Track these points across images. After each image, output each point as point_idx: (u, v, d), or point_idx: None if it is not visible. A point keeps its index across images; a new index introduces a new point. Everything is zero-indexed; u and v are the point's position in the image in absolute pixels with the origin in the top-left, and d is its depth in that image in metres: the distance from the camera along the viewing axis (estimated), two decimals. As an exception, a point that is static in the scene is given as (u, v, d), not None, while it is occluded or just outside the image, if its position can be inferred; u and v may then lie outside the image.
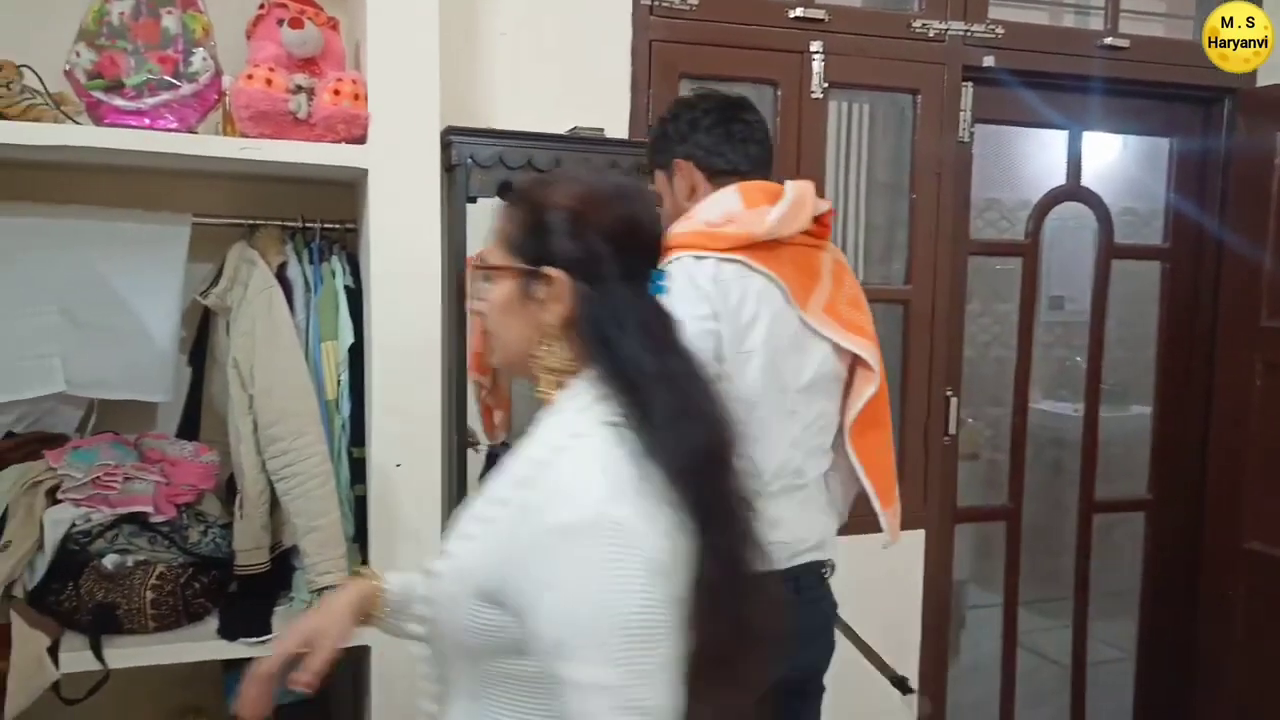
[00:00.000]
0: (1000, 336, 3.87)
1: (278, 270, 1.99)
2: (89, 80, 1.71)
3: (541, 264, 1.03)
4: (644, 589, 0.90)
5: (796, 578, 1.62)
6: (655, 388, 1.00)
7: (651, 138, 1.75)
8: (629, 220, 1.06)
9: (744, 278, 1.55)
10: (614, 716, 0.89)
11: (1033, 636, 3.26)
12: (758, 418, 1.56)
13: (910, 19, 2.56)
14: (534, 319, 1.05)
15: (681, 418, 1.00)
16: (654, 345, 1.03)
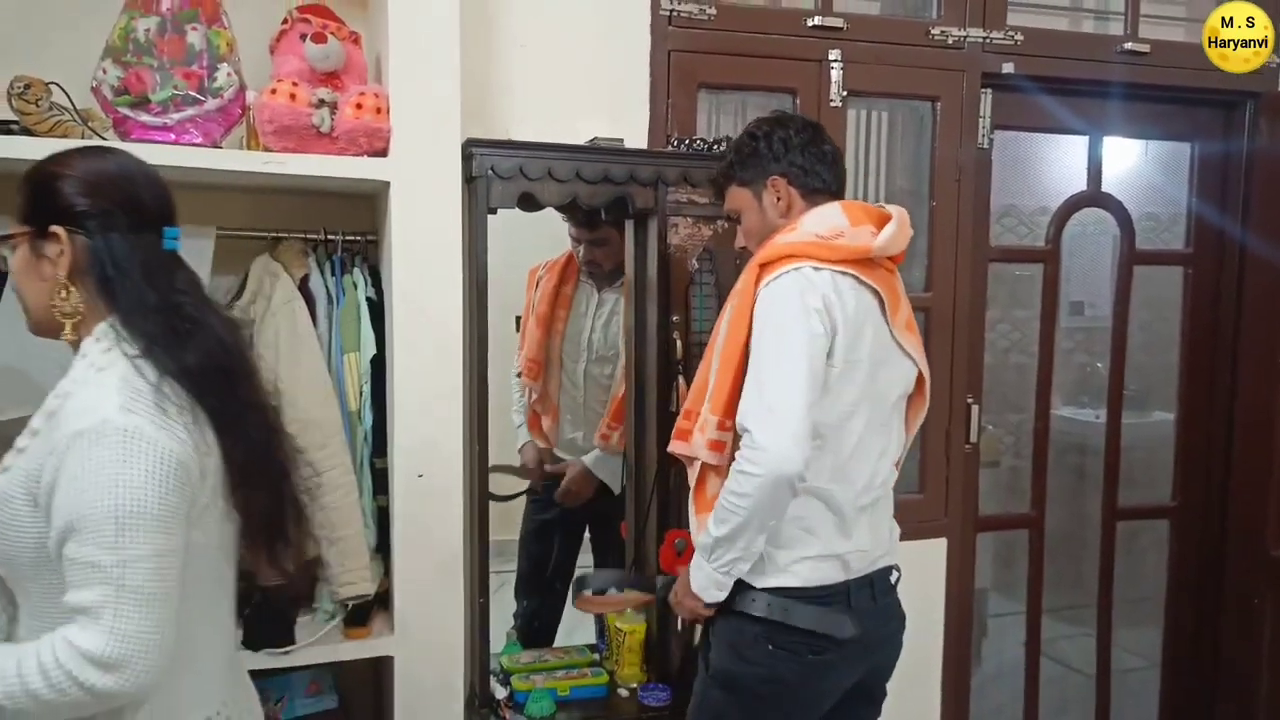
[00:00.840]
0: (1020, 343, 3.85)
1: (300, 282, 2.01)
2: (116, 96, 1.73)
3: (47, 225, 1.17)
4: (143, 486, 1.07)
5: (872, 583, 1.71)
6: (158, 318, 1.17)
7: (739, 155, 1.78)
8: (123, 180, 1.21)
9: (856, 290, 1.63)
10: (100, 590, 1.05)
11: (1056, 645, 3.23)
12: (855, 428, 1.64)
13: (929, 26, 2.56)
14: (48, 274, 1.18)
15: (187, 341, 1.18)
16: (156, 284, 1.19)
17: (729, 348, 1.63)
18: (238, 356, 1.26)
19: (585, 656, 2.37)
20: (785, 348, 1.55)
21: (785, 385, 1.53)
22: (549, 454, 2.72)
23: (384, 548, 2.08)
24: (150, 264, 1.20)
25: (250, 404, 1.26)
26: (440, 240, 1.98)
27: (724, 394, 1.62)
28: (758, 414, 1.53)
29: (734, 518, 1.55)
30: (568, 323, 2.67)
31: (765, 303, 1.60)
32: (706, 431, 1.65)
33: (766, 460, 1.50)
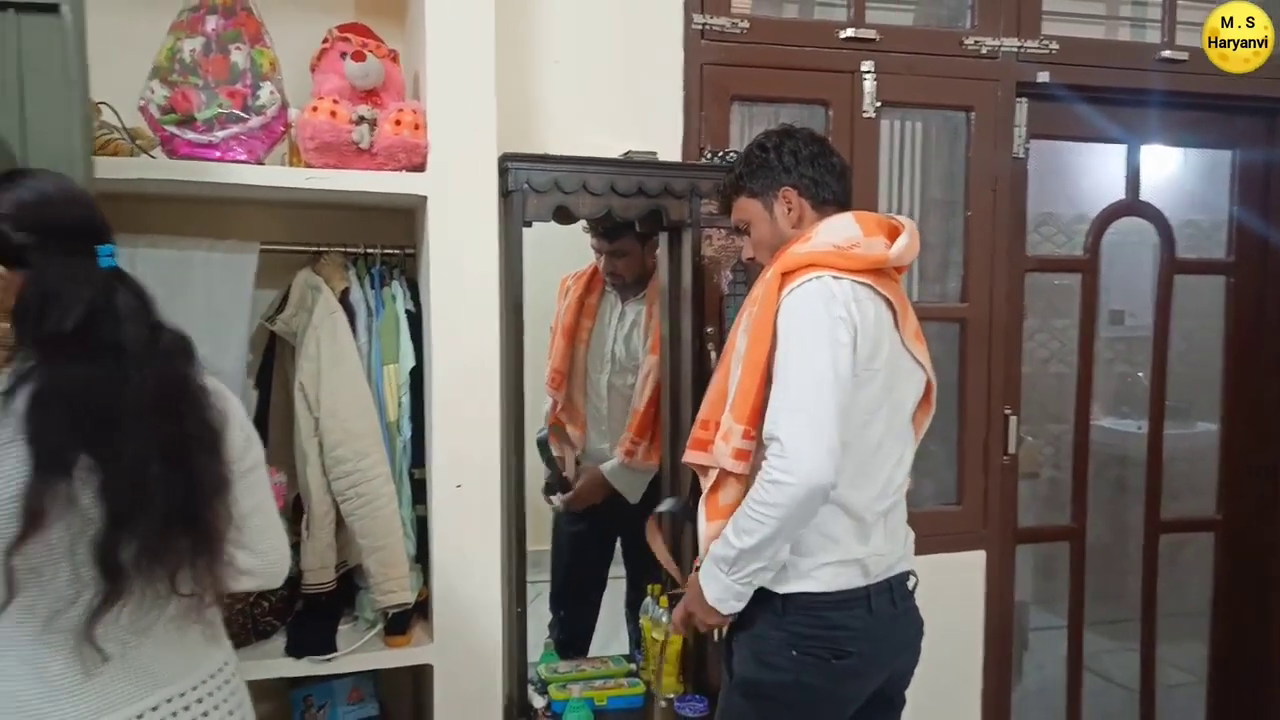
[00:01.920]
0: (1059, 353, 3.81)
1: (341, 295, 2.04)
2: (163, 115, 1.78)
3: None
4: None
5: (891, 588, 1.71)
6: (62, 342, 1.14)
7: (748, 167, 1.79)
8: (47, 205, 1.20)
9: (873, 300, 1.64)
10: None
11: (1099, 659, 3.19)
12: (872, 436, 1.65)
13: (962, 36, 2.55)
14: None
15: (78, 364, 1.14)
16: (77, 309, 1.15)
17: (753, 355, 1.62)
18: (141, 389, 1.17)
19: (622, 666, 2.37)
20: (812, 356, 1.55)
21: (814, 394, 1.53)
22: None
23: (422, 557, 2.10)
24: (77, 287, 1.17)
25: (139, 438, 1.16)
26: (477, 253, 2.01)
27: (748, 402, 1.62)
28: (788, 423, 1.53)
29: (761, 529, 1.54)
30: (592, 333, 2.69)
31: (790, 310, 1.60)
32: (731, 440, 1.64)
33: (800, 470, 1.49)
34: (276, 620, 2.03)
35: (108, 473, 1.13)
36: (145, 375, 1.17)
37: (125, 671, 1.20)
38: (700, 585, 1.66)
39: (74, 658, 1.16)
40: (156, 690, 1.23)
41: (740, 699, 1.73)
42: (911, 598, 1.77)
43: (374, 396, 2.03)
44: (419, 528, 2.10)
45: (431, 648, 2.04)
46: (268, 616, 2.01)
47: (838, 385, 1.54)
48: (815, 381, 1.54)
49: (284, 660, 1.96)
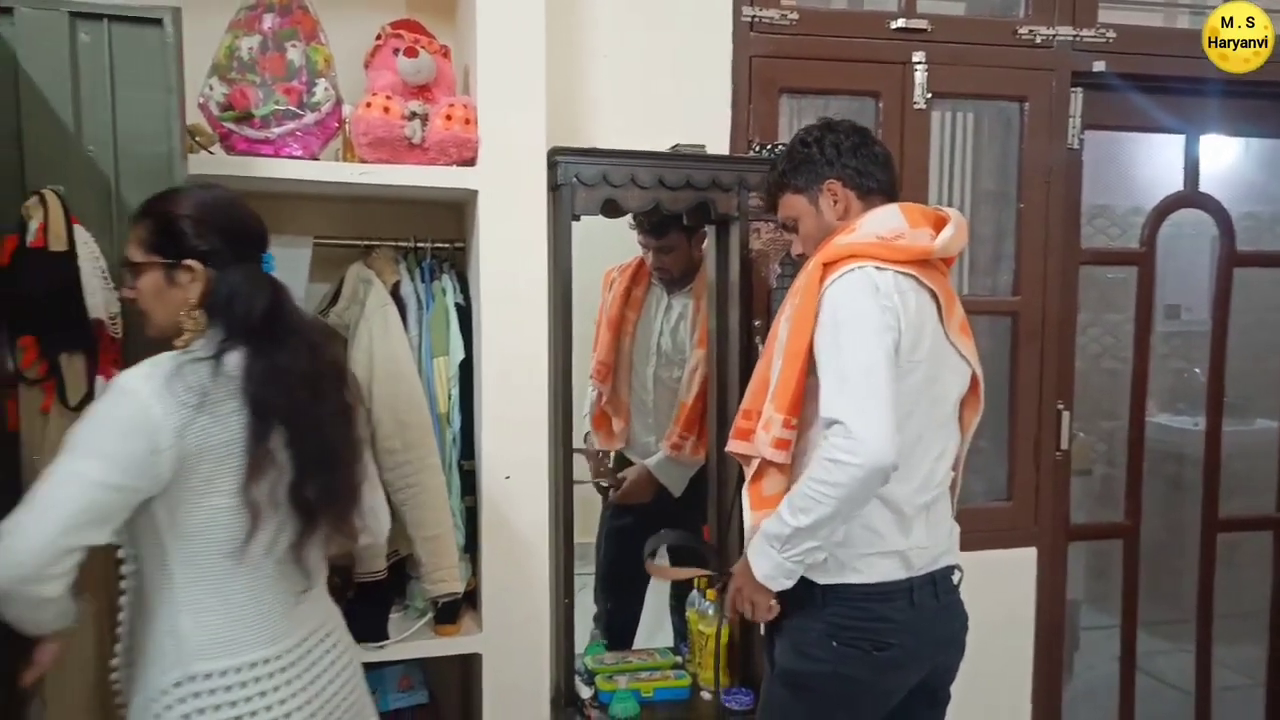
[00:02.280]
0: (1112, 348, 3.74)
1: (392, 289, 2.07)
2: (221, 112, 1.82)
3: (180, 257, 1.38)
4: (108, 428, 1.28)
5: (934, 581, 1.70)
6: (253, 334, 1.38)
7: (791, 163, 1.79)
8: (234, 219, 1.44)
9: (917, 291, 1.64)
10: (48, 477, 1.26)
11: (1152, 660, 3.13)
12: (912, 428, 1.63)
13: (1016, 25, 2.51)
14: (179, 299, 1.39)
15: (270, 352, 1.38)
16: (259, 305, 1.40)
17: (794, 345, 1.63)
18: (324, 369, 1.46)
19: (668, 659, 2.38)
20: (864, 340, 1.56)
21: (872, 377, 1.53)
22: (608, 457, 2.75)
23: (471, 547, 2.12)
24: (254, 287, 1.42)
25: (315, 409, 1.42)
26: (526, 246, 2.02)
27: (789, 392, 1.62)
28: (849, 405, 1.52)
29: (820, 508, 1.53)
30: (638, 325, 2.69)
31: (834, 299, 1.60)
32: (772, 429, 1.65)
33: (864, 450, 1.49)
34: (329, 608, 2.07)
35: (299, 432, 1.39)
36: (315, 356, 1.44)
37: (288, 606, 1.44)
38: (750, 562, 1.66)
39: (259, 590, 1.40)
40: (306, 625, 1.46)
41: (781, 689, 1.74)
42: (956, 592, 1.76)
43: (424, 389, 2.05)
44: (468, 518, 2.12)
45: (480, 637, 2.07)
46: (321, 604, 2.05)
47: (890, 370, 1.55)
48: (871, 365, 1.54)
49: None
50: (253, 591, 1.39)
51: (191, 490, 1.33)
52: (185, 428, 1.30)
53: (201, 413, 1.31)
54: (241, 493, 1.34)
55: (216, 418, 1.33)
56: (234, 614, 1.37)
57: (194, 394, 1.31)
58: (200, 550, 1.35)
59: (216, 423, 1.33)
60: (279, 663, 1.39)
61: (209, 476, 1.33)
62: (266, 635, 1.39)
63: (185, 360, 1.34)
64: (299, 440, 1.39)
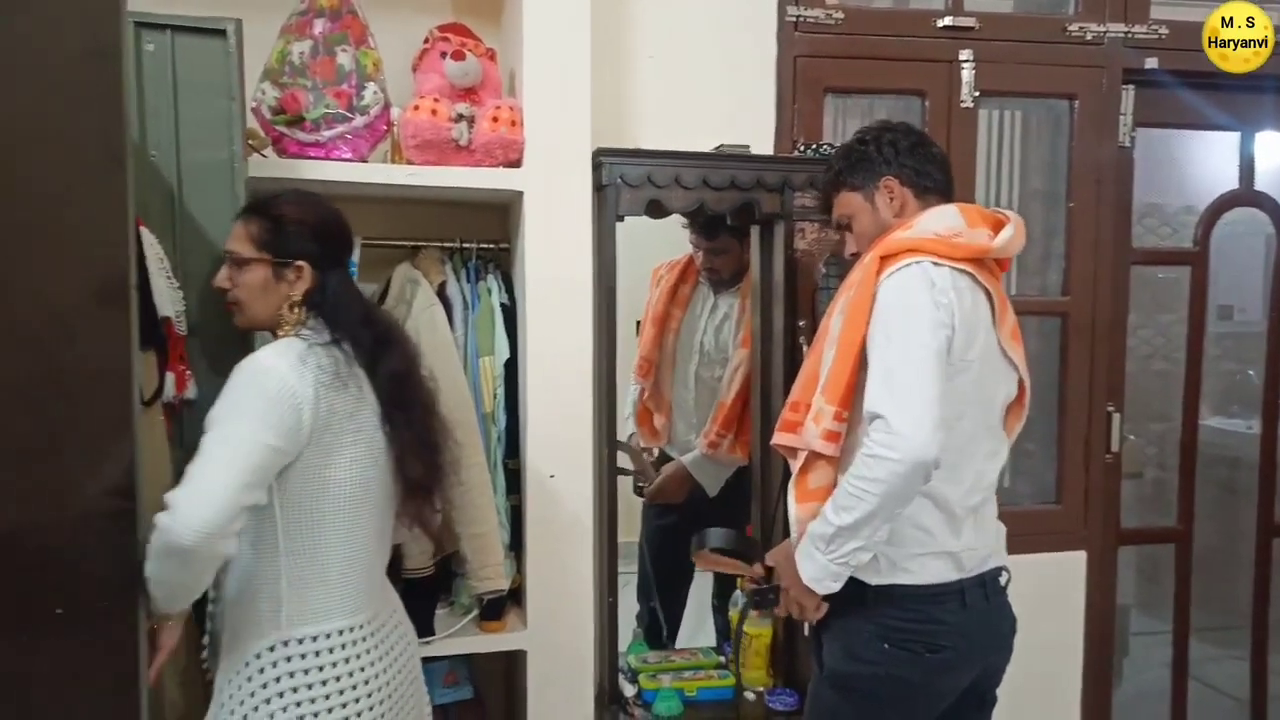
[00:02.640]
0: (1162, 349, 3.67)
1: (438, 289, 2.10)
2: (273, 116, 1.85)
3: (290, 258, 1.49)
4: (252, 403, 1.37)
5: (984, 583, 1.69)
6: (359, 328, 1.51)
7: (847, 161, 1.79)
8: (336, 228, 1.56)
9: (973, 290, 1.63)
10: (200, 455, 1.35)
11: (1204, 666, 3.06)
12: (964, 429, 1.63)
13: (1066, 22, 2.48)
14: (283, 294, 1.50)
15: (381, 344, 1.52)
16: (359, 304, 1.55)
17: (847, 337, 1.62)
18: (413, 363, 1.59)
19: (711, 659, 2.38)
20: (914, 336, 1.55)
21: (918, 372, 1.52)
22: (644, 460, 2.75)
23: (516, 545, 2.14)
24: (352, 290, 1.56)
25: (418, 398, 1.58)
26: (570, 247, 2.04)
27: (841, 384, 1.61)
28: (891, 400, 1.51)
29: (862, 505, 1.52)
30: (682, 322, 2.69)
31: (889, 294, 1.59)
32: (822, 422, 1.63)
33: (905, 446, 1.48)
34: (377, 603, 2.10)
35: (406, 419, 1.52)
36: (406, 352, 1.57)
37: (373, 581, 1.55)
38: (796, 565, 1.64)
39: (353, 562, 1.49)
40: (383, 600, 1.58)
41: (830, 691, 1.73)
42: (1004, 593, 1.75)
43: (470, 388, 2.07)
44: (513, 517, 2.14)
45: (525, 634, 2.09)
46: (368, 600, 2.08)
47: (939, 366, 1.54)
48: (919, 360, 1.53)
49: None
50: (348, 563, 1.48)
51: (310, 463, 1.43)
52: (318, 399, 1.41)
53: (331, 389, 1.43)
54: (395, 476, 1.52)
55: (344, 395, 1.45)
56: (329, 583, 1.46)
57: (326, 372, 1.43)
58: (307, 521, 1.44)
59: (342, 399, 1.45)
60: (363, 630, 1.49)
61: (328, 449, 1.44)
62: (352, 605, 1.48)
63: (311, 343, 1.46)
64: (406, 425, 1.52)
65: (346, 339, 1.50)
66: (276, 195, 1.54)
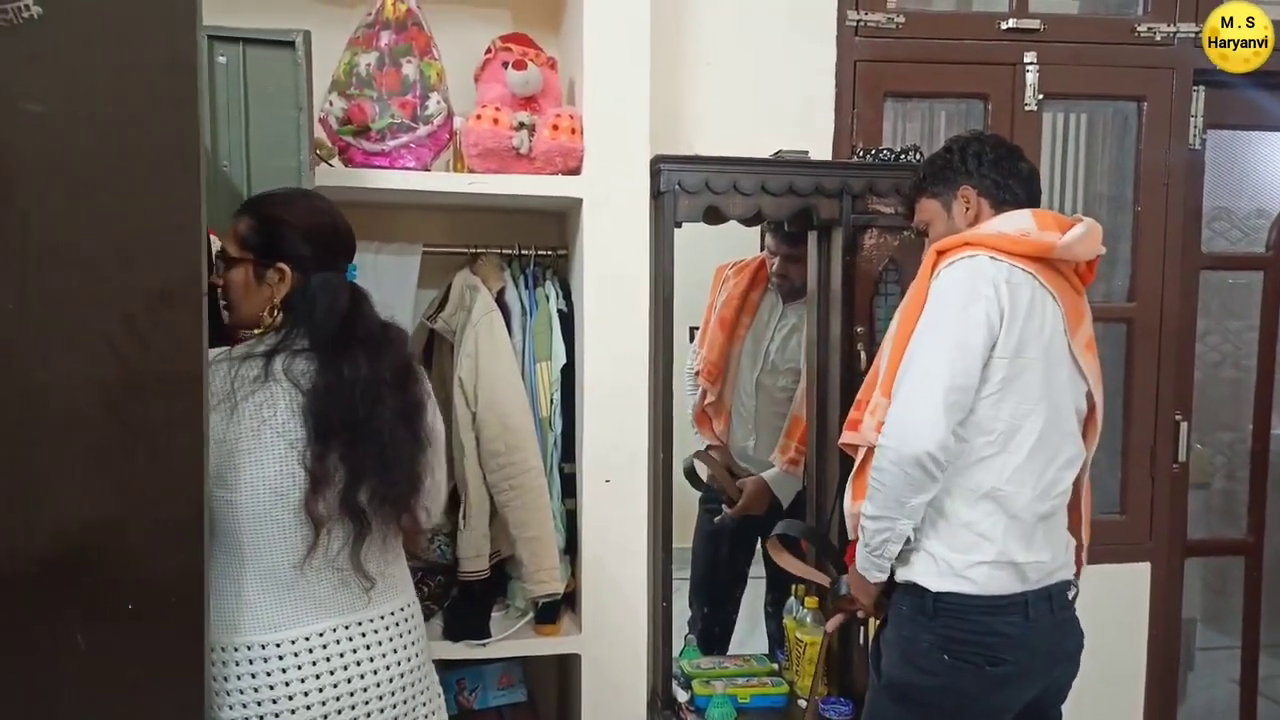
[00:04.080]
0: (1232, 356, 3.56)
1: (497, 295, 2.12)
2: (340, 126, 1.89)
3: (273, 259, 1.45)
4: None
5: (1050, 596, 1.67)
6: (327, 340, 1.42)
7: (931, 168, 1.81)
8: (326, 229, 1.50)
9: (1034, 288, 1.62)
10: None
11: (1273, 683, 2.98)
12: (1031, 429, 1.61)
13: (1134, 23, 2.43)
14: (265, 296, 1.46)
15: (338, 363, 1.42)
16: (337, 313, 1.44)
17: (902, 331, 1.65)
18: (391, 379, 1.47)
19: (765, 665, 2.38)
20: (938, 326, 1.57)
21: (934, 363, 1.54)
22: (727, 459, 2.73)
23: (571, 549, 2.16)
24: (335, 295, 1.46)
25: (368, 417, 1.43)
26: (628, 254, 2.05)
27: (893, 378, 1.63)
28: (900, 390, 1.56)
29: (876, 495, 1.58)
30: (750, 329, 2.69)
31: (939, 286, 1.62)
32: (877, 414, 1.65)
33: (899, 436, 1.53)
34: (434, 605, 2.13)
35: (355, 442, 1.41)
36: (378, 362, 1.46)
37: (310, 601, 1.43)
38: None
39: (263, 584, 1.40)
40: (353, 612, 1.46)
41: (888, 701, 1.72)
42: (1071, 608, 1.72)
43: (528, 393, 2.09)
44: (568, 521, 2.16)
45: (580, 638, 2.10)
46: (426, 601, 2.10)
47: (963, 358, 1.54)
48: (934, 350, 1.55)
49: (441, 643, 2.05)
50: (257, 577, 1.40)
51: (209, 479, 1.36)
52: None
53: (218, 412, 1.36)
54: (303, 509, 1.39)
55: (233, 419, 1.38)
56: (233, 595, 1.39)
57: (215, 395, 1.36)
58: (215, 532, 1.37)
59: (233, 424, 1.38)
60: (282, 649, 1.40)
61: (216, 469, 1.36)
62: (269, 621, 1.40)
63: (223, 358, 1.40)
64: (354, 449, 1.42)
65: (304, 356, 1.41)
66: (269, 195, 1.52)
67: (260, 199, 1.51)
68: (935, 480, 1.55)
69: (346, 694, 1.43)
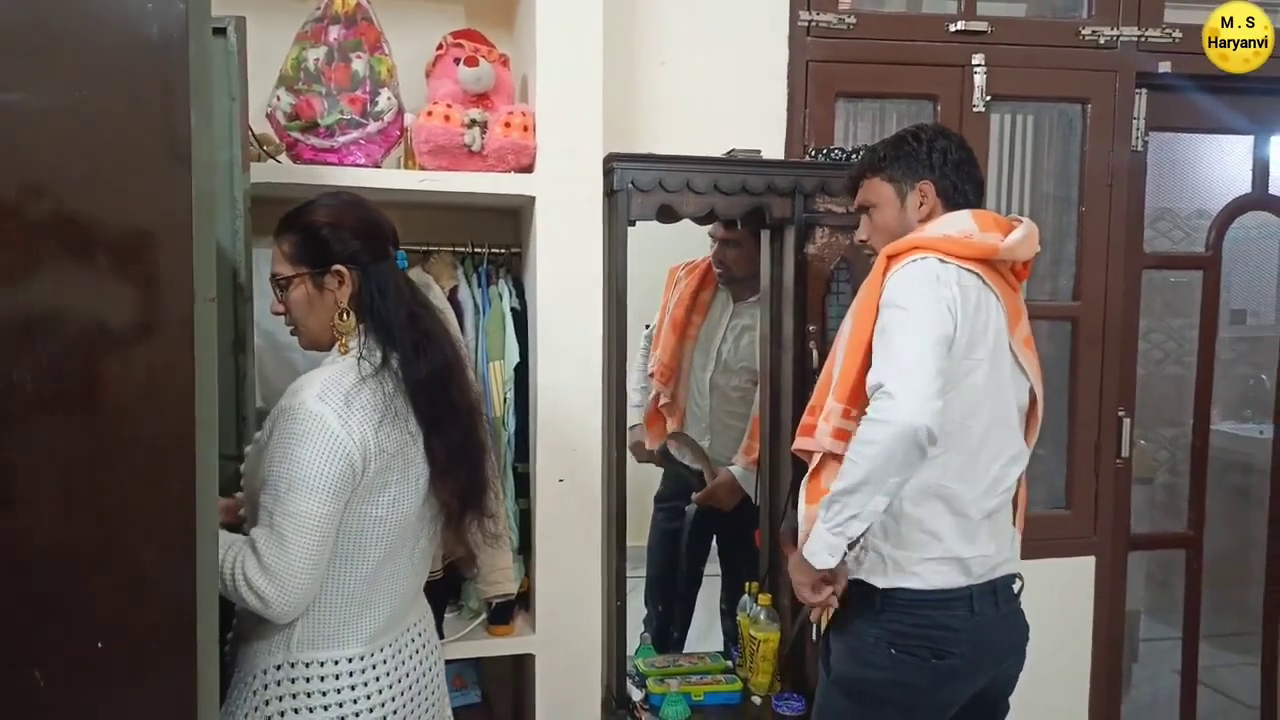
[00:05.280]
0: (1175, 354, 3.65)
1: (449, 293, 2.10)
2: (288, 122, 1.86)
3: (327, 265, 1.44)
4: (312, 458, 1.32)
5: (995, 590, 1.69)
6: (404, 332, 1.44)
7: (895, 150, 1.78)
8: (368, 221, 1.50)
9: (980, 289, 1.64)
10: (262, 526, 1.34)
11: (1214, 673, 3.05)
12: (977, 428, 1.64)
13: (1079, 26, 2.47)
14: (330, 304, 1.46)
15: (422, 351, 1.44)
16: (403, 301, 1.47)
17: (856, 335, 1.64)
18: (456, 362, 1.52)
19: (719, 663, 2.38)
20: (915, 318, 1.57)
21: (916, 347, 1.54)
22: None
23: (525, 550, 2.15)
24: (397, 284, 1.48)
25: (456, 405, 1.50)
26: (582, 252, 2.04)
27: (849, 381, 1.63)
28: (890, 372, 1.54)
29: (856, 469, 1.53)
30: (701, 329, 2.69)
31: (893, 287, 1.61)
32: (831, 420, 1.65)
33: (898, 410, 1.49)
34: (387, 606, 2.11)
35: (448, 432, 1.46)
36: (453, 351, 1.51)
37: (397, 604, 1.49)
38: (800, 544, 1.66)
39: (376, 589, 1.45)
40: (405, 620, 1.53)
41: (838, 696, 1.74)
42: (1017, 601, 1.74)
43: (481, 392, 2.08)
44: (522, 521, 2.15)
45: (533, 638, 2.09)
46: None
47: (940, 348, 1.55)
48: (918, 340, 1.55)
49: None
50: (374, 594, 1.44)
51: (352, 502, 1.39)
52: (366, 444, 1.37)
53: (380, 430, 1.38)
54: (433, 497, 1.47)
55: (392, 433, 1.40)
56: (350, 613, 1.42)
57: (375, 411, 1.39)
58: (339, 553, 1.40)
59: (390, 438, 1.40)
60: (377, 657, 1.45)
61: (372, 489, 1.40)
62: (368, 633, 1.44)
63: (362, 375, 1.40)
64: (448, 440, 1.47)
65: (395, 352, 1.44)
66: (300, 208, 1.50)
67: (294, 213, 1.50)
68: (923, 459, 1.52)
69: (413, 692, 1.51)
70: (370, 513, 1.40)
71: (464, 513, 1.52)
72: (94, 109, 1.01)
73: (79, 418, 1.01)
